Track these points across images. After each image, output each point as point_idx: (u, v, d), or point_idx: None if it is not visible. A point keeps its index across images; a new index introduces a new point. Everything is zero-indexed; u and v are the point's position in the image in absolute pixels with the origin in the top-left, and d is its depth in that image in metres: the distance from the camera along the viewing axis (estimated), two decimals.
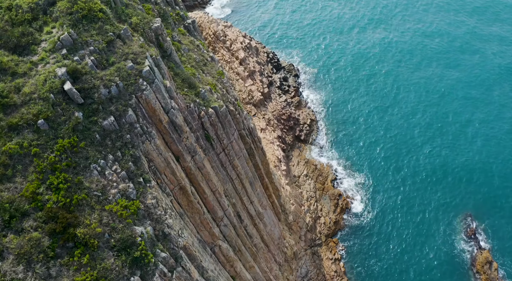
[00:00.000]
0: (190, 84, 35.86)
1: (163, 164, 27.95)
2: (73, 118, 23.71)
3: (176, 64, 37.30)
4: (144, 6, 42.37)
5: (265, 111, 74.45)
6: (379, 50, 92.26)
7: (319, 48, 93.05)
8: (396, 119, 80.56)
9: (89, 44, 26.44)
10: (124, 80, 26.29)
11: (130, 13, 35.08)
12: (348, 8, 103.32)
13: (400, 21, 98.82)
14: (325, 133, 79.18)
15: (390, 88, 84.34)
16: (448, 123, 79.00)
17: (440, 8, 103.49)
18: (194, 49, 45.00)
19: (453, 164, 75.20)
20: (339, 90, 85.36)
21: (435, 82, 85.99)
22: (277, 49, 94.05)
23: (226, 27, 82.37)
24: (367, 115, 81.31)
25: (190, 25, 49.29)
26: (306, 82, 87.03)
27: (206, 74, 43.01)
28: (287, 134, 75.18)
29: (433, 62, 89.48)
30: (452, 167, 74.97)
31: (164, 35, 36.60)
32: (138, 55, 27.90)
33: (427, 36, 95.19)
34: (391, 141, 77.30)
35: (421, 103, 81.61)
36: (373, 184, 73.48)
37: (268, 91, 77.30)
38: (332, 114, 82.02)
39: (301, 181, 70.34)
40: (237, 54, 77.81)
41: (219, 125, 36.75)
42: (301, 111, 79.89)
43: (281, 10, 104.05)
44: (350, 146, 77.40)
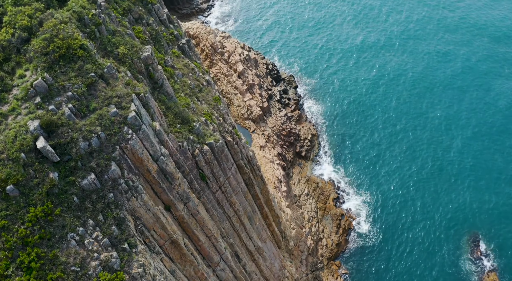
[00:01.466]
0: (183, 119, 32.96)
1: (152, 220, 25.11)
2: (48, 181, 20.83)
3: (169, 96, 34.40)
4: (135, 29, 39.44)
5: (265, 126, 71.56)
6: (382, 61, 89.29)
7: (320, 58, 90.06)
8: (400, 133, 77.76)
9: (66, 89, 23.51)
10: (107, 129, 23.39)
11: (117, 42, 32.15)
12: (350, 17, 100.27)
13: (404, 30, 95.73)
14: (326, 149, 76.34)
15: (393, 100, 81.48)
16: (453, 136, 76.26)
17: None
18: (188, 73, 42.08)
19: (459, 180, 72.52)
20: (341, 102, 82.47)
21: (441, 92, 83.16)
22: (277, 59, 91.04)
23: (224, 38, 79.29)
24: (369, 128, 78.48)
25: (185, 45, 46.30)
26: (307, 93, 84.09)
27: (201, 101, 40.11)
28: (287, 150, 72.33)
29: (438, 71, 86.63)
30: (458, 183, 72.30)
31: (154, 64, 33.67)
32: (123, 98, 24.99)
33: (434, 48, 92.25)
34: (395, 156, 74.54)
35: (426, 115, 78.80)
36: (376, 202, 70.77)
37: (267, 105, 74.37)
38: (333, 128, 79.18)
39: (302, 200, 67.60)
40: (235, 66, 74.76)
41: (214, 163, 33.90)
42: (301, 125, 76.99)
43: (281, 18, 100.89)
44: (353, 162, 74.63)
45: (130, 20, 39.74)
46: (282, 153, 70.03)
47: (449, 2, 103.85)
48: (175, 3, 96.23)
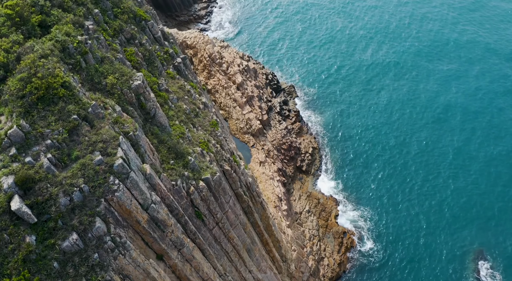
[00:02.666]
0: (178, 153, 30.68)
1: (142, 276, 22.90)
2: (24, 246, 18.59)
3: (162, 126, 32.11)
4: (126, 51, 37.08)
5: (264, 140, 69.30)
6: (386, 72, 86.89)
7: (322, 67, 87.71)
8: (404, 145, 75.57)
9: (45, 137, 21.22)
10: (91, 181, 21.12)
11: (105, 70, 29.82)
12: (354, 28, 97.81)
13: (409, 42, 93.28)
14: (328, 162, 74.14)
15: (396, 113, 79.21)
16: (458, 150, 74.09)
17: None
18: (184, 96, 39.76)
19: (464, 197, 70.36)
20: (342, 112, 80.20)
21: (445, 105, 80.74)
22: (277, 68, 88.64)
23: (223, 48, 76.86)
24: (372, 140, 76.27)
25: (181, 64, 43.95)
26: (308, 104, 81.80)
27: (197, 127, 37.81)
28: (287, 165, 70.08)
29: (443, 85, 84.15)
30: (463, 200, 70.13)
31: (146, 93, 31.36)
32: (109, 142, 22.70)
33: (439, 62, 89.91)
34: (398, 170, 72.38)
35: (430, 128, 76.57)
36: (379, 218, 68.62)
37: (267, 118, 72.05)
38: (335, 140, 76.95)
39: (303, 218, 65.44)
40: (234, 78, 72.38)
41: (211, 199, 31.66)
42: (302, 138, 74.73)
43: (282, 26, 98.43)
44: (355, 176, 72.42)
45: (121, 41, 37.38)
46: (283, 168, 67.79)
47: (456, 16, 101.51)
48: (173, 10, 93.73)
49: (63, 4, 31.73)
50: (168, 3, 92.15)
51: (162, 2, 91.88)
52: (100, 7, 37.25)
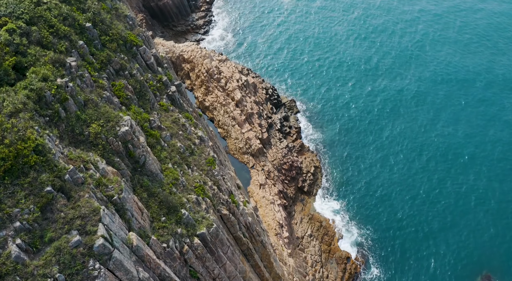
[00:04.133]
0: (170, 207, 27.75)
1: None
2: None
3: (153, 175, 29.15)
4: (115, 85, 34.03)
5: (265, 160, 66.37)
6: (391, 86, 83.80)
7: (324, 80, 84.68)
8: (410, 164, 72.70)
9: (14, 218, 18.26)
10: (67, 267, 18.21)
11: (89, 116, 26.84)
12: (358, 39, 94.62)
13: (414, 56, 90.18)
14: (330, 182, 71.28)
15: (402, 130, 76.29)
16: (465, 169, 71.27)
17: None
18: (178, 131, 36.77)
19: (471, 217, 67.67)
20: (345, 129, 77.27)
21: (452, 121, 77.74)
22: (277, 81, 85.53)
23: (221, 62, 73.72)
24: (376, 159, 73.34)
25: (175, 93, 40.93)
26: (309, 119, 78.83)
27: (192, 168, 34.85)
28: (289, 185, 67.23)
29: (453, 100, 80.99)
30: (471, 220, 67.44)
31: (135, 139, 28.38)
32: (88, 218, 19.75)
33: (442, 78, 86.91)
34: (406, 191, 69.54)
35: (439, 146, 73.70)
36: (385, 241, 65.85)
37: (267, 136, 69.09)
38: (337, 158, 74.05)
39: (305, 243, 62.67)
40: (233, 94, 69.33)
41: (207, 256, 28.78)
42: (304, 156, 71.80)
43: (282, 37, 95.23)
44: (359, 197, 69.59)
45: (109, 74, 34.34)
46: (283, 190, 64.94)
47: (464, 24, 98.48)
48: (169, 20, 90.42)
49: (42, 40, 28.70)
50: (165, 13, 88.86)
51: (159, 12, 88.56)
52: (85, 36, 34.19)
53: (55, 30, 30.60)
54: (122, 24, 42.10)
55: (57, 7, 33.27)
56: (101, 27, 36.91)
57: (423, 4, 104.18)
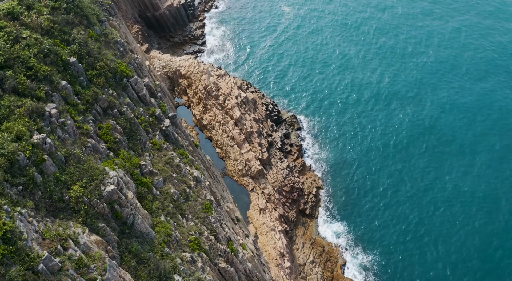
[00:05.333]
0: (161, 276, 24.95)
1: None
2: None
3: (142, 236, 26.33)
4: (102, 128, 31.09)
5: (265, 183, 63.53)
6: (397, 102, 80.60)
7: (326, 94, 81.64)
8: (416, 185, 69.86)
9: None
10: None
11: (70, 176, 23.98)
12: (362, 52, 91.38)
13: (420, 70, 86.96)
14: (332, 203, 68.46)
15: (409, 148, 73.40)
16: (472, 193, 68.48)
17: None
18: (172, 174, 33.88)
19: (485, 240, 64.99)
20: (349, 146, 74.38)
21: (461, 143, 74.62)
22: (278, 95, 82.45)
23: (219, 77, 70.66)
24: (381, 179, 70.45)
25: (169, 127, 38.01)
26: (311, 136, 75.90)
27: (188, 217, 32.01)
28: (290, 208, 64.47)
29: (463, 120, 77.83)
30: (484, 246, 64.76)
31: (122, 198, 25.53)
32: None
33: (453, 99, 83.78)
34: (412, 212, 66.67)
35: (446, 166, 70.87)
36: (392, 267, 63.13)
37: (267, 156, 66.23)
38: (340, 178, 71.18)
39: (307, 270, 60.00)
40: (231, 112, 66.38)
41: None
42: (305, 176, 68.97)
43: (282, 47, 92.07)
44: (364, 220, 66.75)
45: (96, 115, 31.39)
46: (284, 214, 62.19)
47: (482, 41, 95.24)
48: (166, 31, 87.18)
49: (18, 87, 25.75)
50: (161, 24, 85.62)
51: (155, 22, 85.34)
52: (70, 74, 31.22)
53: (34, 72, 27.64)
54: (112, 51, 39.12)
55: (38, 42, 30.29)
56: (88, 60, 33.93)
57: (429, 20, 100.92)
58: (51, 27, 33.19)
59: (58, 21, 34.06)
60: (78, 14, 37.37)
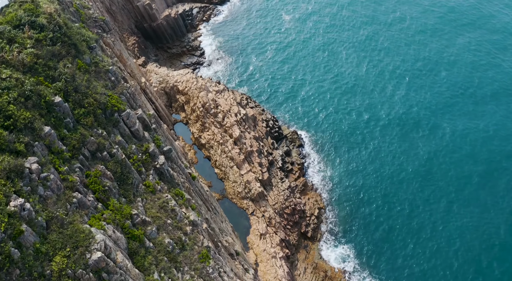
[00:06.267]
0: None
1: None
2: None
3: None
4: (89, 176, 28.62)
5: (265, 205, 61.17)
6: (407, 117, 77.52)
7: (328, 109, 79.07)
8: (427, 205, 67.38)
9: None
10: None
11: (52, 245, 21.63)
12: (369, 64, 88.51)
13: (426, 82, 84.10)
14: (335, 225, 66.10)
15: (419, 164, 70.89)
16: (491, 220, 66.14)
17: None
18: (167, 220, 31.48)
19: (495, 267, 62.76)
20: (353, 164, 71.90)
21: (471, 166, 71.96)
22: (278, 109, 79.76)
23: (218, 93, 68.09)
24: (389, 197, 67.87)
25: (164, 165, 35.57)
26: (313, 153, 73.39)
27: (183, 269, 29.64)
28: (291, 231, 62.14)
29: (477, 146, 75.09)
30: (492, 267, 62.54)
31: (110, 264, 23.14)
32: None
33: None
34: (422, 235, 64.25)
35: (459, 190, 68.47)
36: None
37: (268, 176, 63.81)
38: (344, 197, 68.76)
39: None
40: (231, 131, 63.90)
41: None
42: (307, 197, 66.60)
43: (282, 57, 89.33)
44: (368, 242, 64.34)
45: (83, 161, 28.93)
46: (286, 238, 59.90)
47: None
48: (164, 42, 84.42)
49: None
50: (159, 35, 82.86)
51: (152, 33, 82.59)
52: (54, 116, 28.75)
53: (13, 122, 25.18)
54: (103, 82, 36.63)
55: (18, 83, 27.80)
56: (75, 97, 31.46)
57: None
58: (34, 63, 30.74)
59: (43, 55, 31.60)
60: (66, 44, 34.89)
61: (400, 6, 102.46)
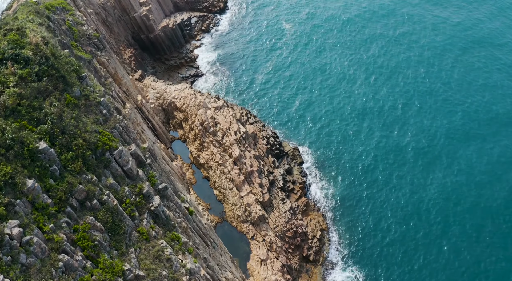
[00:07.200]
0: None
1: None
2: None
3: None
4: (77, 230, 26.42)
5: (266, 229, 59.03)
6: (413, 131, 75.20)
7: (331, 124, 76.74)
8: (435, 225, 65.06)
9: None
10: None
11: None
12: (375, 76, 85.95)
13: (434, 98, 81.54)
14: (338, 246, 63.94)
15: (426, 183, 68.73)
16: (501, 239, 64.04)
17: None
18: (162, 272, 29.25)
19: None
20: (357, 182, 69.66)
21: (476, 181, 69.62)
22: (278, 125, 77.39)
23: (217, 110, 65.76)
24: (396, 219, 65.52)
25: (159, 207, 33.34)
26: (315, 171, 71.15)
27: None
28: (292, 255, 60.06)
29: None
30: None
31: None
32: None
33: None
34: (431, 260, 62.15)
35: (468, 209, 66.32)
36: None
37: (268, 197, 61.67)
38: (348, 217, 66.53)
39: None
40: (230, 150, 61.67)
41: None
42: (309, 218, 64.48)
43: (282, 71, 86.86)
44: (372, 264, 62.38)
45: (70, 213, 26.73)
46: (287, 263, 57.85)
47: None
48: (162, 53, 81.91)
49: None
50: (156, 46, 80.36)
51: (150, 45, 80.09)
52: (38, 165, 26.52)
53: None
54: (94, 117, 34.33)
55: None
56: (62, 140, 29.22)
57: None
58: (17, 105, 28.47)
59: (27, 94, 29.30)
60: (53, 77, 32.60)
61: (412, 24, 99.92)
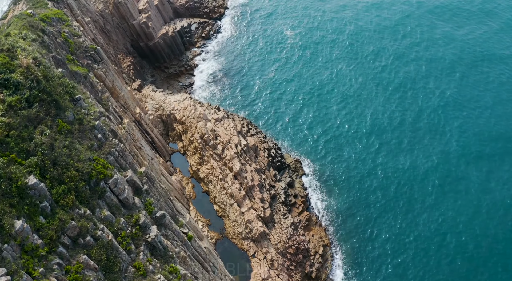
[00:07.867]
0: None
1: None
2: None
3: None
4: (70, 271, 24.94)
5: (267, 246, 57.58)
6: (417, 144, 73.61)
7: (335, 134, 75.16)
8: (439, 238, 63.48)
9: None
10: None
11: None
12: (380, 87, 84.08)
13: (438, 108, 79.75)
14: (341, 262, 62.55)
15: (431, 195, 67.16)
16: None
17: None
18: None
19: None
20: (361, 196, 68.10)
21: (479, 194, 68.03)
22: (280, 135, 75.77)
23: (217, 122, 64.15)
24: (402, 231, 63.92)
25: (156, 238, 31.85)
26: (317, 183, 69.57)
27: None
28: (294, 272, 58.61)
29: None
30: None
31: None
32: None
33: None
34: (432, 275, 60.72)
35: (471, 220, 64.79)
36: None
37: (270, 212, 60.18)
38: (349, 231, 65.01)
39: None
40: (231, 164, 60.14)
41: None
42: (311, 233, 62.98)
43: (284, 80, 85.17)
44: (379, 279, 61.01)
45: (63, 253, 25.27)
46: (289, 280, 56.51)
47: None
48: (161, 61, 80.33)
49: None
50: (155, 54, 78.70)
51: (149, 52, 78.44)
52: (28, 202, 25.03)
53: None
54: (88, 142, 32.81)
55: None
56: (53, 173, 27.71)
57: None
58: (6, 136, 26.96)
59: (16, 124, 27.76)
60: (45, 102, 31.05)
61: (422, 34, 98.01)
